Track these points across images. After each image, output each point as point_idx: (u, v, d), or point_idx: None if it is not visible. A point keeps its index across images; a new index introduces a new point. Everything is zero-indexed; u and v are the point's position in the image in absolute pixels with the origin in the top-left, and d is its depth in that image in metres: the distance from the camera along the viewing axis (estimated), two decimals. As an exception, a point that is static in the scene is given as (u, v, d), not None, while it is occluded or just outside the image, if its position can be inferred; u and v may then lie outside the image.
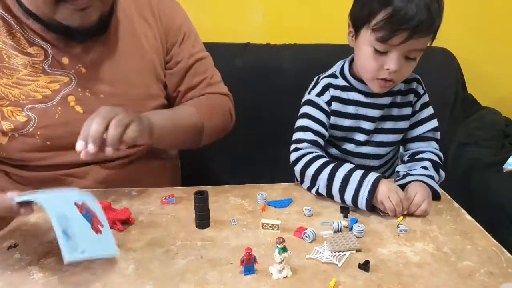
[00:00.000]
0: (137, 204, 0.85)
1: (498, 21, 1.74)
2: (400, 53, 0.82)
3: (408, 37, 0.79)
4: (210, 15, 1.67)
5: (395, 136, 0.97)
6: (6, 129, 0.85)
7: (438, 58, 1.65)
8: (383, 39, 0.80)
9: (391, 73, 0.84)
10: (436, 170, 0.91)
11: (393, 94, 0.95)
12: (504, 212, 1.18)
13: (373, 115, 0.94)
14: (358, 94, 0.94)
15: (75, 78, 0.89)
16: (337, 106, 0.94)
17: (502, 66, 1.80)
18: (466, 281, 0.63)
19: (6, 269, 0.65)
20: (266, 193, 0.86)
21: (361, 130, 0.96)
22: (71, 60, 0.88)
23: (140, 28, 0.96)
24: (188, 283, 0.62)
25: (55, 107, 0.88)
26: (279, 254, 0.62)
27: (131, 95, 0.94)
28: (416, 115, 0.97)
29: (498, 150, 1.41)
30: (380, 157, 0.99)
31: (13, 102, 0.85)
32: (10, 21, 0.84)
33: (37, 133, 0.87)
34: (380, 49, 0.83)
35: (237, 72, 1.53)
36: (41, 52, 0.86)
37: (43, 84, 0.86)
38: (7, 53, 0.84)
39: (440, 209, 0.84)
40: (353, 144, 0.97)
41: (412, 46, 0.82)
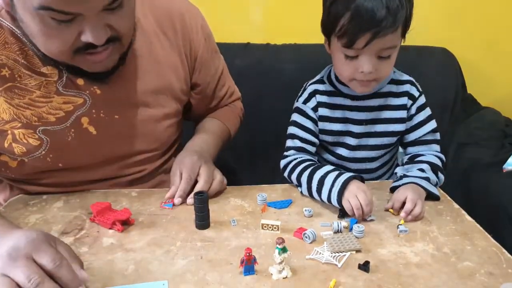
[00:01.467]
0: (137, 205, 0.85)
1: (498, 21, 1.74)
2: (371, 55, 0.82)
3: (371, 38, 0.78)
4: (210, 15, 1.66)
5: (389, 139, 0.96)
6: (18, 152, 0.82)
7: (438, 58, 1.65)
8: (348, 44, 0.81)
9: (367, 75, 0.83)
10: (435, 173, 0.91)
11: (381, 96, 0.93)
12: (504, 212, 1.18)
13: (361, 117, 0.94)
14: (344, 98, 0.94)
15: (89, 99, 0.84)
16: (324, 111, 0.95)
17: (502, 66, 1.80)
18: (466, 282, 0.63)
19: (6, 270, 0.65)
20: (266, 194, 0.87)
21: (351, 134, 0.95)
22: (86, 81, 0.82)
23: (159, 46, 0.91)
24: (188, 284, 0.62)
25: (68, 129, 0.84)
26: (279, 254, 0.62)
27: (145, 116, 0.91)
28: (413, 119, 0.95)
29: (498, 150, 1.41)
30: (375, 159, 0.99)
31: (25, 124, 0.80)
32: (22, 38, 0.77)
33: (49, 156, 0.84)
34: (349, 54, 0.83)
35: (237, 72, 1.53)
36: (55, 71, 0.80)
37: (56, 105, 0.82)
38: (19, 72, 0.78)
39: (440, 209, 0.84)
40: (346, 149, 0.97)
41: (380, 46, 0.80)
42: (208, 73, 1.02)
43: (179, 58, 0.95)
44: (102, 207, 0.77)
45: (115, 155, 0.91)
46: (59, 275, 0.56)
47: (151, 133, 0.93)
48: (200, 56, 0.98)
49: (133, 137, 0.91)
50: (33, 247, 0.57)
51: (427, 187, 0.86)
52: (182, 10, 0.95)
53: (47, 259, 0.56)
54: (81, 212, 0.82)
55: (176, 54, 0.94)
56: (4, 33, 0.77)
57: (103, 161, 0.90)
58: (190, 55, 0.97)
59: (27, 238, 0.58)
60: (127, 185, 0.94)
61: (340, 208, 0.81)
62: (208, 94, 1.06)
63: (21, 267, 0.55)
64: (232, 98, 1.13)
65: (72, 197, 0.87)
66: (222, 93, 1.09)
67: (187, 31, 0.95)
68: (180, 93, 0.97)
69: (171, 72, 0.93)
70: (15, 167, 0.85)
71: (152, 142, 0.95)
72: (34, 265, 0.56)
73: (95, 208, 0.77)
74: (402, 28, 0.82)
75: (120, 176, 0.93)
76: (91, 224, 0.78)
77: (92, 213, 0.78)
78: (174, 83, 0.95)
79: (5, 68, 0.78)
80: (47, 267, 0.56)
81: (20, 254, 0.56)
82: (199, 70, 1.00)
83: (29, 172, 0.86)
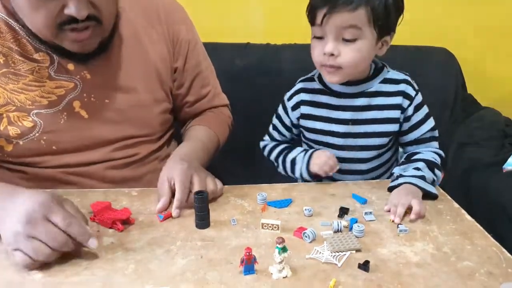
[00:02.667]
0: (137, 204, 0.85)
1: (498, 21, 1.74)
2: (333, 35, 0.84)
3: (327, 12, 0.81)
4: (210, 15, 1.67)
5: (380, 140, 0.95)
6: (12, 134, 0.85)
7: (438, 58, 1.65)
8: (311, 21, 0.85)
9: (330, 57, 0.85)
10: (432, 170, 0.90)
11: (368, 95, 0.93)
12: (504, 212, 1.18)
13: (345, 117, 0.94)
14: (330, 97, 0.95)
15: (80, 84, 0.89)
16: (307, 109, 0.97)
17: (502, 66, 1.80)
18: (466, 281, 0.63)
19: (6, 269, 0.65)
20: (266, 193, 0.87)
21: (334, 133, 0.95)
22: (76, 66, 0.88)
23: (146, 35, 0.96)
24: (188, 283, 0.62)
25: (61, 112, 0.88)
26: (279, 254, 0.62)
27: (136, 101, 0.95)
28: (411, 119, 0.94)
29: (498, 150, 1.41)
30: (367, 161, 0.98)
31: (19, 107, 0.85)
32: (15, 27, 0.83)
33: (43, 138, 0.88)
34: (316, 34, 0.86)
35: (237, 72, 1.53)
36: (47, 58, 0.86)
37: (48, 89, 0.86)
38: (13, 58, 0.84)
39: (440, 209, 0.84)
40: (331, 149, 0.97)
41: (338, 23, 0.82)
42: (188, 61, 1.04)
43: (165, 46, 0.99)
44: (102, 207, 0.77)
45: (107, 139, 0.94)
46: (72, 231, 0.64)
47: (141, 118, 0.97)
48: (181, 41, 1.01)
49: (124, 121, 0.95)
50: (46, 209, 0.63)
51: (422, 186, 0.86)
52: (167, 6, 1.01)
53: (59, 219, 0.63)
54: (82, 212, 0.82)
55: (163, 44, 0.99)
56: None
57: (95, 144, 0.93)
58: (173, 43, 1.01)
59: (38, 201, 0.64)
60: (121, 167, 0.97)
61: (344, 208, 0.81)
62: (184, 83, 1.05)
63: (43, 229, 0.62)
64: (215, 102, 1.12)
65: (72, 196, 0.87)
66: (203, 91, 1.09)
67: (171, 21, 1.00)
68: (167, 80, 1.01)
69: (158, 59, 0.98)
70: (10, 150, 0.87)
71: (143, 127, 0.98)
72: (52, 225, 0.63)
73: (95, 207, 0.77)
74: (370, 18, 0.82)
75: (113, 159, 0.95)
76: (91, 223, 0.78)
77: (92, 213, 0.78)
78: (162, 70, 0.99)
79: (0, 55, 0.82)
80: (60, 226, 0.63)
81: (37, 217, 0.62)
82: (178, 55, 1.02)
83: (25, 155, 0.88)
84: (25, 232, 0.62)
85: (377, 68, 0.95)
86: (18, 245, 0.62)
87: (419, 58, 1.64)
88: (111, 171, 0.95)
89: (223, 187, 0.89)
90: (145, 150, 1.00)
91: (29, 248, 0.62)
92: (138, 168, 0.99)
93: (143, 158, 1.00)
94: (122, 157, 0.96)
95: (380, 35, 0.86)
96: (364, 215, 0.80)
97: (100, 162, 0.94)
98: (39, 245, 0.62)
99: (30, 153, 0.89)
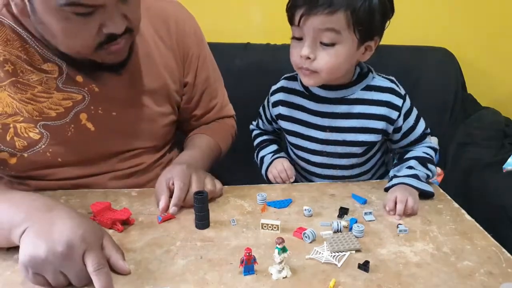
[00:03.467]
0: (137, 205, 0.85)
1: (498, 21, 1.74)
2: (310, 37, 0.80)
3: (304, 13, 0.78)
4: (210, 15, 1.66)
5: (360, 149, 0.93)
6: (18, 147, 0.83)
7: (438, 58, 1.66)
8: (289, 20, 0.83)
9: (306, 60, 0.82)
10: (425, 166, 0.90)
11: (349, 102, 0.90)
12: (504, 212, 1.18)
13: (322, 123, 0.92)
14: (309, 101, 0.92)
15: (88, 96, 0.87)
16: (285, 110, 0.96)
17: (502, 66, 1.80)
18: (466, 281, 0.63)
19: (6, 269, 0.65)
20: (266, 194, 0.87)
21: (313, 139, 0.94)
22: (84, 78, 0.86)
23: (155, 48, 0.94)
24: (188, 283, 0.62)
25: (68, 124, 0.86)
26: (278, 254, 0.62)
27: (142, 114, 0.94)
28: (403, 127, 0.91)
29: (498, 150, 1.41)
30: (348, 167, 0.96)
31: (26, 118, 0.83)
32: (23, 35, 0.80)
33: (49, 150, 0.86)
34: (295, 34, 0.84)
35: (237, 72, 1.53)
36: (56, 69, 0.83)
37: (56, 101, 0.84)
38: (21, 68, 0.81)
39: (440, 209, 0.84)
40: (309, 154, 0.96)
41: (316, 26, 0.79)
42: (198, 76, 1.03)
43: (174, 60, 0.98)
44: (102, 207, 0.77)
45: (113, 151, 0.93)
46: (98, 278, 0.60)
47: (148, 131, 0.96)
48: (191, 56, 1.01)
49: (130, 134, 0.94)
50: (86, 246, 0.61)
51: (416, 185, 0.86)
52: (177, 15, 0.99)
53: (93, 262, 0.60)
54: (81, 212, 0.82)
55: (171, 56, 0.97)
56: (5, 31, 0.80)
57: (100, 157, 0.92)
58: (183, 56, 0.99)
59: (80, 234, 0.60)
60: (125, 178, 0.96)
61: (344, 208, 0.81)
62: (194, 97, 1.05)
63: (75, 268, 0.60)
64: (222, 114, 1.12)
65: (72, 197, 0.87)
66: (211, 104, 1.08)
67: (181, 34, 0.98)
68: (174, 94, 1.00)
69: (167, 73, 0.96)
70: (14, 163, 0.86)
71: (149, 139, 0.98)
72: (84, 267, 0.60)
73: (95, 208, 0.77)
74: (350, 22, 0.78)
75: (117, 170, 0.95)
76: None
77: (92, 213, 0.78)
78: (170, 84, 0.98)
79: (8, 64, 0.80)
80: (90, 269, 0.60)
81: (74, 254, 0.59)
82: (189, 70, 1.01)
83: (28, 168, 0.87)
84: (56, 264, 0.59)
85: (362, 73, 0.91)
86: (43, 272, 0.59)
87: (419, 58, 1.64)
88: (114, 181, 0.94)
89: (222, 187, 0.88)
90: (149, 159, 0.99)
91: (52, 279, 0.60)
92: (141, 177, 0.98)
93: (147, 167, 0.99)
94: (126, 168, 0.96)
95: (361, 40, 0.82)
96: (363, 215, 0.80)
97: (104, 173, 0.93)
98: (64, 280, 0.60)
99: (34, 166, 0.87)
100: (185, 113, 1.07)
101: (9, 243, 0.65)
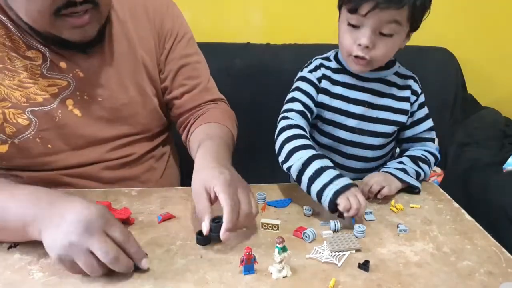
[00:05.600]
0: (137, 204, 0.85)
1: (498, 21, 1.74)
2: (372, 27, 0.82)
3: (374, 6, 0.79)
4: (210, 15, 1.67)
5: (391, 128, 0.95)
6: (8, 132, 0.85)
7: (438, 58, 1.66)
8: (352, 9, 0.82)
9: (364, 49, 0.84)
10: (416, 163, 0.90)
11: (386, 83, 0.94)
12: (504, 212, 1.18)
13: (363, 98, 0.93)
14: (348, 76, 0.94)
15: (73, 82, 0.88)
16: (326, 84, 0.95)
17: (502, 66, 1.80)
18: (466, 281, 0.63)
19: (6, 269, 0.65)
20: (266, 193, 0.87)
21: (350, 114, 0.94)
22: (68, 64, 0.87)
23: (133, 29, 0.95)
24: (187, 283, 0.62)
25: (55, 110, 0.88)
26: (278, 253, 0.62)
27: (127, 98, 0.95)
28: (414, 115, 0.96)
29: (498, 150, 1.41)
30: (373, 148, 0.97)
31: (15, 104, 0.85)
32: (6, 23, 0.82)
33: (38, 136, 0.87)
34: (352, 22, 0.84)
35: (237, 72, 1.54)
36: (39, 55, 0.85)
37: (42, 88, 0.86)
38: (8, 55, 0.83)
39: (440, 209, 0.84)
40: (344, 131, 0.95)
41: (383, 18, 0.81)
42: (172, 52, 1.01)
43: (152, 40, 0.98)
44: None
45: (101, 137, 0.94)
46: (128, 248, 0.62)
47: (134, 115, 0.97)
48: (166, 32, 1.00)
49: (117, 119, 0.95)
50: (106, 221, 0.62)
51: (400, 176, 0.87)
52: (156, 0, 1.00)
53: (118, 233, 0.62)
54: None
55: (150, 38, 0.98)
56: None
57: (89, 143, 0.93)
58: (159, 35, 0.99)
59: (96, 212, 0.61)
60: (117, 168, 0.96)
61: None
62: (168, 75, 1.02)
63: (98, 241, 0.60)
64: (208, 96, 1.06)
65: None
66: (191, 83, 1.03)
67: (159, 14, 0.99)
68: (155, 74, 1.00)
69: (146, 54, 0.97)
70: (5, 152, 0.86)
71: (136, 124, 0.98)
72: (109, 239, 0.61)
73: (95, 207, 0.77)
74: (410, 15, 0.82)
75: (109, 160, 0.95)
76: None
77: (92, 213, 0.78)
78: (149, 65, 0.98)
79: None
80: (118, 240, 0.61)
81: (95, 227, 0.60)
82: (163, 46, 1.00)
83: (20, 156, 0.87)
84: (81, 243, 0.59)
85: (390, 61, 0.95)
86: (75, 258, 0.60)
87: (419, 58, 1.64)
88: (107, 171, 0.95)
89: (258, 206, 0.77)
90: (140, 149, 1.00)
91: (83, 262, 0.60)
92: (134, 168, 0.99)
93: (139, 157, 1.00)
94: (118, 157, 0.96)
95: (410, 31, 0.87)
96: (364, 215, 0.80)
97: (96, 163, 0.94)
98: (91, 258, 0.60)
99: (26, 154, 0.88)
100: (165, 94, 1.04)
101: (26, 239, 0.66)
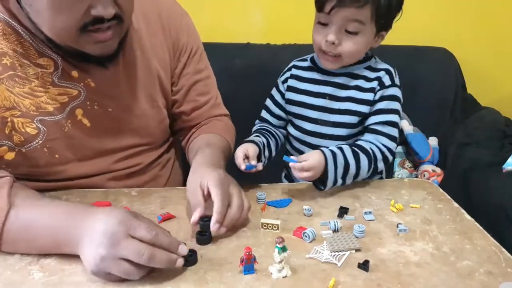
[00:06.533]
0: (137, 204, 0.85)
1: (498, 21, 1.74)
2: (337, 25, 0.88)
3: (335, 5, 0.86)
4: (210, 15, 1.67)
5: (354, 118, 0.96)
6: (16, 141, 0.83)
7: (438, 58, 1.66)
8: (318, 7, 0.90)
9: (331, 45, 0.90)
10: (356, 156, 0.89)
11: (352, 76, 0.97)
12: (504, 212, 1.18)
13: (324, 91, 0.98)
14: (317, 73, 1.00)
15: (84, 92, 0.86)
16: (293, 82, 1.03)
17: (502, 66, 1.80)
18: (466, 281, 0.63)
19: (6, 269, 0.65)
20: (266, 193, 0.87)
21: (312, 106, 0.99)
22: (80, 73, 0.85)
23: (146, 36, 0.94)
24: (187, 283, 0.62)
25: (65, 120, 0.86)
26: (278, 253, 0.62)
27: (137, 110, 0.94)
28: (375, 105, 0.94)
29: (498, 150, 1.42)
30: (338, 138, 0.98)
31: (24, 113, 0.82)
32: (18, 29, 0.80)
33: (46, 146, 0.85)
34: (321, 20, 0.91)
35: (237, 72, 1.54)
36: (51, 63, 0.83)
37: (52, 96, 0.84)
38: (19, 61, 0.81)
39: (440, 209, 0.84)
40: (308, 122, 1.00)
41: (345, 16, 0.87)
42: (187, 67, 1.02)
43: (167, 52, 0.98)
44: (102, 207, 0.77)
45: (109, 148, 0.93)
46: (159, 242, 0.62)
47: (144, 127, 0.96)
48: (182, 47, 1.01)
49: (126, 130, 0.94)
50: (127, 226, 0.61)
51: (327, 155, 0.86)
52: (170, 8, 1.00)
53: (143, 232, 0.61)
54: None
55: (165, 50, 0.98)
56: (1, 25, 0.80)
57: (97, 153, 0.91)
58: (173, 48, 0.99)
59: (116, 219, 0.62)
60: (124, 179, 0.96)
61: (344, 207, 0.81)
62: (181, 89, 1.02)
63: (127, 247, 0.60)
64: (215, 112, 1.08)
65: (72, 196, 0.87)
66: (202, 99, 1.05)
67: (174, 26, 0.99)
68: (168, 87, 1.00)
69: (160, 66, 0.97)
70: (12, 159, 0.84)
71: (145, 136, 0.97)
72: (136, 241, 0.61)
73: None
74: (374, 15, 0.87)
75: (115, 170, 0.94)
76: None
77: (92, 213, 0.78)
78: (163, 77, 0.98)
79: (6, 57, 0.80)
80: (146, 239, 0.61)
81: (119, 237, 0.60)
82: (179, 60, 1.01)
83: (27, 165, 0.86)
84: (110, 255, 0.59)
85: (366, 57, 0.98)
86: (109, 269, 0.60)
87: (419, 58, 1.64)
88: (113, 182, 0.94)
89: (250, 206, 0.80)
90: (147, 159, 0.99)
91: (120, 270, 0.60)
92: (139, 178, 0.98)
93: (145, 167, 0.98)
94: (124, 168, 0.95)
95: (378, 31, 0.92)
96: (363, 214, 0.80)
97: (102, 174, 0.93)
98: (128, 266, 0.60)
99: (33, 163, 0.86)
100: (174, 107, 1.04)
101: (57, 252, 0.68)
